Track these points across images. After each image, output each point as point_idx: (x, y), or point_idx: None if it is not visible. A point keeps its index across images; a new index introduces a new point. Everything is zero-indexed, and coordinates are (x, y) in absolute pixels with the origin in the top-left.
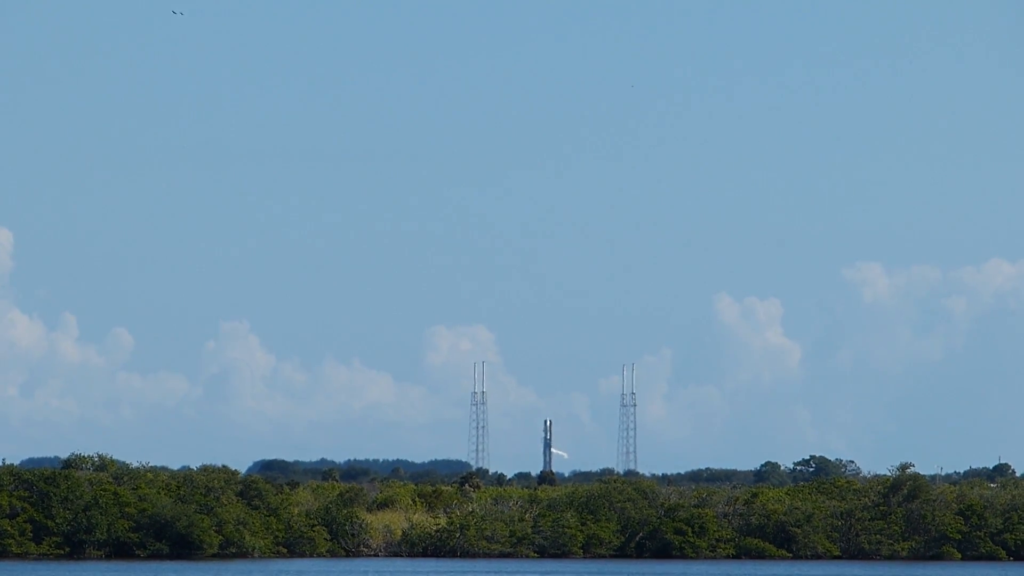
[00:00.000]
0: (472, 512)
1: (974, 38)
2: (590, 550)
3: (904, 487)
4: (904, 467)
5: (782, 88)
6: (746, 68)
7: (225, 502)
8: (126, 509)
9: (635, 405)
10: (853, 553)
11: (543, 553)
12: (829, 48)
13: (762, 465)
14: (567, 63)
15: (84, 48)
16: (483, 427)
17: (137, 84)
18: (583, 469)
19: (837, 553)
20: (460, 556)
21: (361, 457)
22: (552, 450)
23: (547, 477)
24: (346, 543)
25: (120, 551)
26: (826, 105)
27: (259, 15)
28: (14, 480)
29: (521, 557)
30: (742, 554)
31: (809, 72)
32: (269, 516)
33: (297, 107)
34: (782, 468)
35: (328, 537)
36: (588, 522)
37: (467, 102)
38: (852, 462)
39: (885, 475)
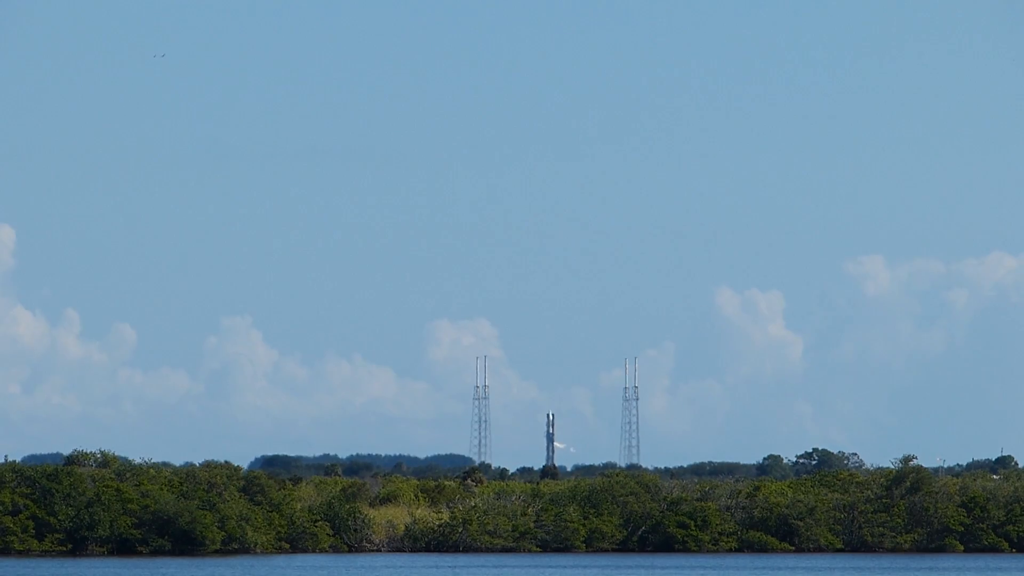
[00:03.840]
0: (475, 507)
1: (975, 32)
2: (592, 544)
3: (907, 480)
4: (907, 459)
5: (783, 81)
6: (746, 61)
7: (228, 498)
8: (128, 506)
9: (637, 399)
10: (856, 546)
11: (545, 547)
12: (831, 41)
13: (764, 458)
14: (567, 58)
15: (84, 46)
16: (485, 422)
17: (138, 81)
18: (585, 463)
19: (840, 546)
20: (463, 551)
21: (364, 452)
22: (555, 444)
23: (549, 471)
24: (349, 538)
25: (123, 548)
26: (828, 98)
27: (255, 10)
28: (16, 477)
29: (523, 551)
30: (745, 547)
31: (810, 66)
32: (272, 512)
33: (297, 103)
34: (784, 461)
35: (331, 532)
36: (590, 516)
37: (468, 96)
38: (855, 455)
39: (888, 468)
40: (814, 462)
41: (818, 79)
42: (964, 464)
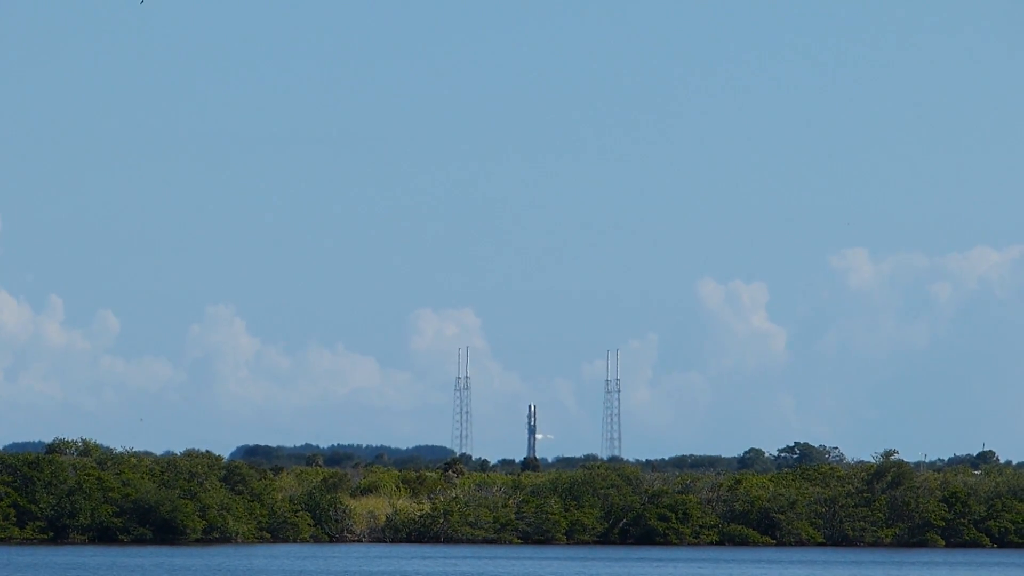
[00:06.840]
0: (456, 498)
1: (959, 27)
2: (573, 536)
3: (888, 474)
4: (888, 454)
5: (768, 75)
6: (731, 55)
7: (208, 487)
8: (110, 494)
9: (619, 391)
10: (837, 540)
11: (526, 539)
12: (816, 36)
13: (746, 451)
14: (555, 50)
15: (70, 37)
16: (467, 413)
17: (122, 72)
18: (567, 455)
19: (821, 540)
20: (444, 542)
21: (345, 442)
22: (537, 435)
23: (531, 463)
24: (329, 528)
25: (104, 536)
26: (813, 92)
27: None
28: None
29: (504, 543)
30: (726, 540)
31: (796, 60)
32: (252, 501)
33: (281, 92)
34: (766, 455)
35: (311, 522)
36: (571, 508)
37: (455, 86)
38: (836, 449)
39: (869, 462)
40: (795, 456)
41: (803, 73)
42: (946, 459)
